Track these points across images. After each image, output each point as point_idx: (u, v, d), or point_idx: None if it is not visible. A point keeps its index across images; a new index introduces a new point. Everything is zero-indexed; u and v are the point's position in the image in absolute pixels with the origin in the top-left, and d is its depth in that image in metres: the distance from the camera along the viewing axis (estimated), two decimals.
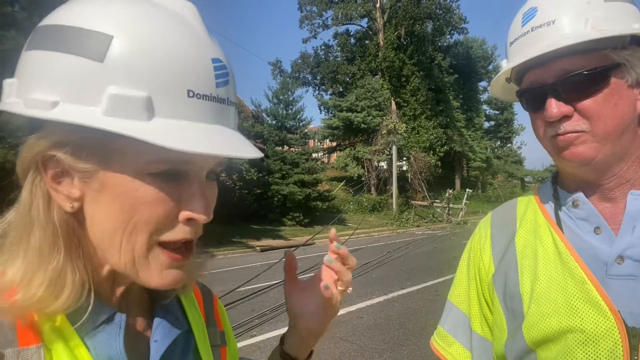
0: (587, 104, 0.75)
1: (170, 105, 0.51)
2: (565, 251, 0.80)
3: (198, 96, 0.52)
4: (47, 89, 0.50)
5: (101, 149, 0.52)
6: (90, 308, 0.56)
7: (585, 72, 0.74)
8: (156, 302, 0.68)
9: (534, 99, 0.81)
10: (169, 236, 0.55)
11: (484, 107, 51.83)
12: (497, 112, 53.96)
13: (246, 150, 0.55)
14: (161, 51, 0.50)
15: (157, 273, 0.56)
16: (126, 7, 0.52)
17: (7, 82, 0.53)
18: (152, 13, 0.52)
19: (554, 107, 0.76)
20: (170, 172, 0.53)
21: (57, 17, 0.53)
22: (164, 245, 0.56)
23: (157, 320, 0.65)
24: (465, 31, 43.84)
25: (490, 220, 0.99)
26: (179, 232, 0.56)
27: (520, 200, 0.97)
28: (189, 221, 0.56)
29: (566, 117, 0.76)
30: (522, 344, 0.80)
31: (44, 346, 0.53)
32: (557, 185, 0.90)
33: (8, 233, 0.56)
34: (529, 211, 0.92)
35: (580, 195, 0.81)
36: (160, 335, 0.64)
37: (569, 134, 0.76)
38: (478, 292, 0.95)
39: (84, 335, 0.56)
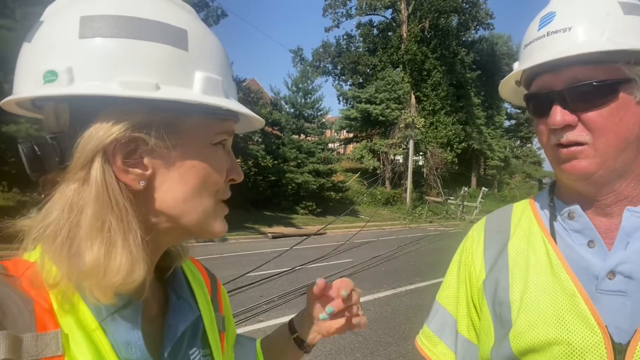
0: (592, 115, 0.74)
1: (229, 87, 0.64)
2: (557, 262, 0.80)
3: (234, 79, 0.66)
4: (143, 72, 0.55)
5: (179, 125, 0.59)
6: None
7: (594, 83, 0.73)
8: (169, 287, 0.70)
9: (540, 105, 0.80)
10: (223, 195, 0.67)
11: (506, 105, 50.91)
12: (518, 111, 53.05)
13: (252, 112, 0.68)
14: (214, 43, 0.63)
15: (219, 222, 0.66)
16: (176, 7, 0.61)
17: (60, 69, 0.53)
18: (185, 11, 0.62)
19: (559, 115, 0.75)
20: (223, 142, 0.65)
21: (119, 9, 0.55)
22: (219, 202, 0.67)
23: (172, 307, 0.67)
24: (491, 27, 43.03)
25: (485, 225, 0.99)
26: (227, 192, 0.68)
27: (516, 207, 0.97)
28: (230, 182, 0.68)
29: (569, 127, 0.75)
30: (509, 351, 0.80)
31: (62, 331, 0.53)
32: (554, 196, 0.89)
33: (80, 222, 0.54)
34: (524, 219, 0.91)
35: (576, 208, 0.81)
36: (175, 321, 0.66)
37: (572, 148, 0.76)
38: (467, 295, 0.95)
39: (102, 320, 0.57)
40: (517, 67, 0.84)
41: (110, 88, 0.53)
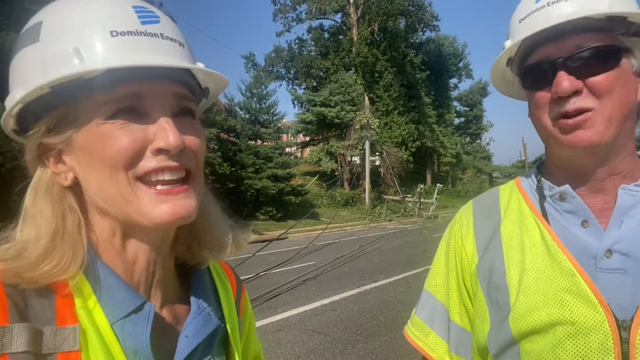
0: (599, 79, 0.74)
1: (101, 47, 0.55)
2: (553, 243, 0.80)
3: (122, 34, 0.56)
4: (14, 85, 0.58)
5: (69, 116, 0.58)
6: (119, 295, 0.59)
7: (600, 48, 0.74)
8: (192, 294, 0.68)
9: (541, 75, 0.78)
10: (143, 167, 0.58)
11: (455, 103, 52.92)
12: (467, 108, 55.17)
13: (164, 59, 0.58)
14: (80, 11, 0.58)
15: (153, 206, 0.58)
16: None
17: None
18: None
19: (566, 81, 0.74)
20: (125, 110, 0.57)
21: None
22: (148, 182, 0.59)
23: (191, 315, 0.65)
24: (437, 28, 44.60)
25: (472, 209, 0.96)
26: (153, 162, 0.58)
27: (503, 190, 0.95)
28: (160, 152, 0.58)
29: (576, 93, 0.75)
30: (508, 335, 0.79)
31: (80, 327, 0.54)
32: (541, 176, 0.88)
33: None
34: (513, 201, 0.90)
35: (567, 189, 0.80)
36: (192, 332, 0.64)
37: (579, 117, 0.75)
38: (458, 281, 0.92)
39: (113, 322, 0.57)
40: (511, 42, 0.82)
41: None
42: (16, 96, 0.56)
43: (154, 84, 0.58)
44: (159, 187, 0.58)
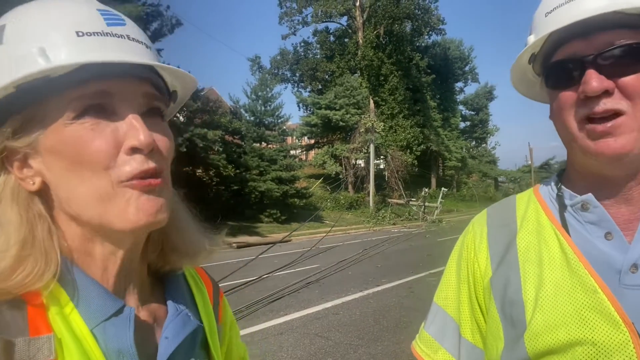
0: (631, 80, 0.68)
1: (65, 46, 0.55)
2: (574, 257, 0.74)
3: (88, 34, 0.57)
4: None
5: (31, 117, 0.56)
6: (97, 299, 0.58)
7: (634, 45, 0.68)
8: (169, 297, 0.69)
9: (567, 73, 0.73)
10: (126, 170, 0.57)
11: (460, 107, 52.86)
12: (472, 112, 55.04)
13: (131, 58, 0.57)
14: (47, 13, 0.58)
15: (132, 207, 0.57)
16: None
17: None
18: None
19: (595, 80, 0.68)
20: (93, 107, 0.56)
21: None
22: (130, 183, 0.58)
23: (169, 317, 0.66)
24: (443, 32, 44.58)
25: (487, 218, 0.91)
26: (133, 164, 0.57)
27: (520, 198, 0.90)
28: (135, 151, 0.57)
29: (606, 94, 0.69)
30: (523, 355, 0.74)
31: (55, 335, 0.53)
32: (562, 184, 0.83)
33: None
34: (530, 210, 0.85)
35: (590, 198, 0.75)
36: (172, 333, 0.64)
37: (609, 124, 0.69)
38: (470, 295, 0.87)
39: (93, 326, 0.57)
40: (535, 37, 0.77)
41: None
42: None
43: (123, 82, 0.58)
44: (135, 181, 0.58)
